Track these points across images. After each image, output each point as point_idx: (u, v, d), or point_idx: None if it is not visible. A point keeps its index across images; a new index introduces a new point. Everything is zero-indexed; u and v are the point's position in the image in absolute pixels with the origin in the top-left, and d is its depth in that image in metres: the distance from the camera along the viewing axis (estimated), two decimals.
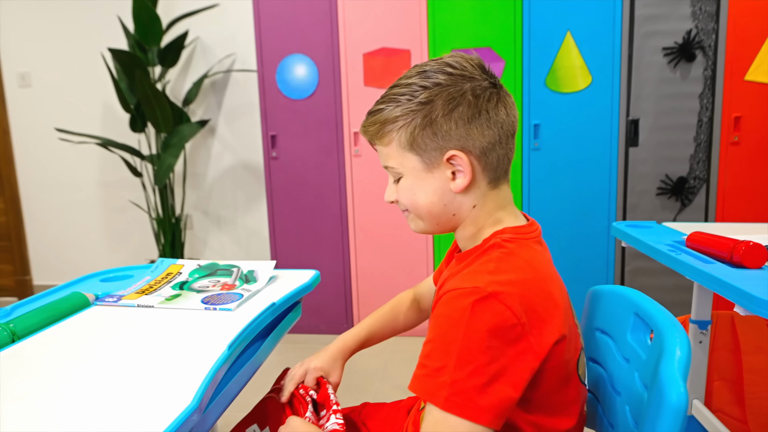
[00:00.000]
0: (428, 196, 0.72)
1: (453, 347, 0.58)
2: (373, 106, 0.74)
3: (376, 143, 0.74)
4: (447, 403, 0.57)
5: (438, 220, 0.74)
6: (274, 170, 2.48)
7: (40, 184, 3.26)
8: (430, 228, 0.76)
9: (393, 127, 0.70)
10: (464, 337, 0.58)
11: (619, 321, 0.74)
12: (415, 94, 0.69)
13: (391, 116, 0.70)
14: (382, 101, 0.73)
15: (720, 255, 0.97)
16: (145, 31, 2.60)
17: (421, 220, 0.75)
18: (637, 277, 2.29)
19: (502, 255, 0.66)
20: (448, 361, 0.58)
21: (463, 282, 0.62)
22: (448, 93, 0.68)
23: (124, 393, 0.63)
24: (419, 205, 0.73)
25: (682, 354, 0.55)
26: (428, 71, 0.69)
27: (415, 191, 0.72)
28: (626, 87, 2.20)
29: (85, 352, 0.75)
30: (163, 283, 1.05)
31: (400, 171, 0.73)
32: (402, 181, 0.73)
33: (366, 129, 0.75)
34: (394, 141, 0.71)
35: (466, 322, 0.58)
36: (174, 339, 0.79)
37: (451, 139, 0.68)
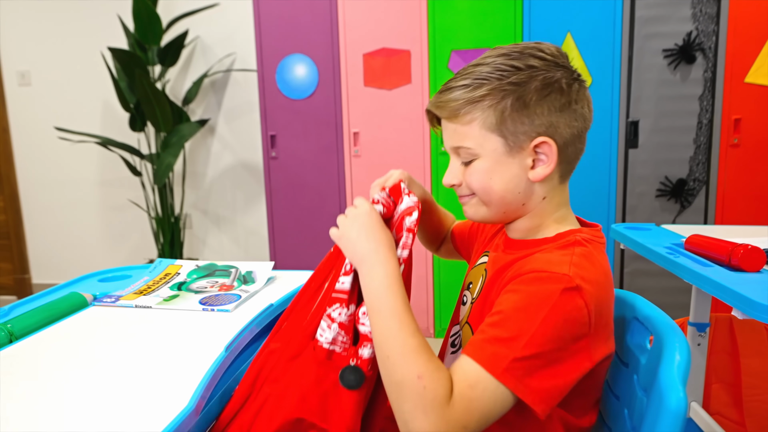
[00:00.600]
0: (505, 182, 0.68)
1: (530, 325, 0.56)
2: (451, 82, 0.70)
3: (451, 121, 0.70)
4: (504, 375, 0.55)
5: (507, 208, 0.71)
6: (273, 170, 2.48)
7: (39, 182, 3.25)
8: (494, 216, 0.73)
9: (478, 105, 0.66)
10: (543, 321, 0.57)
11: (618, 325, 0.74)
12: (506, 74, 0.66)
13: (478, 94, 0.66)
14: (464, 78, 0.68)
15: (718, 258, 0.97)
16: (145, 31, 2.60)
17: (487, 206, 0.71)
18: (635, 279, 2.29)
19: (584, 253, 0.65)
20: (521, 337, 0.56)
21: (551, 267, 0.61)
22: (543, 77, 0.66)
23: (121, 394, 0.62)
24: (493, 190, 0.69)
25: (682, 358, 0.55)
26: (518, 53, 0.67)
27: (491, 175, 0.69)
28: (626, 88, 2.20)
29: (82, 352, 0.75)
30: (161, 284, 1.04)
31: (477, 152, 0.68)
32: (476, 164, 0.69)
33: (443, 105, 0.70)
34: (477, 121, 0.67)
35: (550, 306, 0.57)
36: (171, 340, 0.79)
37: (541, 125, 0.66)
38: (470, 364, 0.57)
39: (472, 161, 0.70)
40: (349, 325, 0.67)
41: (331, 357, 0.66)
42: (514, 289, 0.61)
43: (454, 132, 0.70)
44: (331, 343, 0.67)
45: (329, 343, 0.67)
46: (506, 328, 0.57)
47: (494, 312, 0.60)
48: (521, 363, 0.55)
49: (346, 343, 0.67)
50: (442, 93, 0.70)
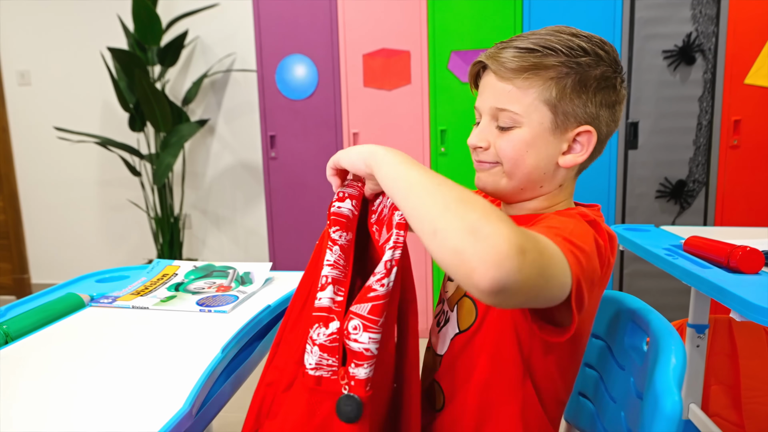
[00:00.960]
0: (538, 159, 0.67)
1: (570, 227, 0.57)
2: (517, 41, 0.67)
3: (506, 80, 0.66)
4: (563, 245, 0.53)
5: (527, 186, 0.69)
6: (273, 170, 2.48)
7: (39, 182, 3.25)
8: (512, 190, 0.70)
9: (542, 74, 0.65)
10: (579, 228, 0.58)
11: (615, 327, 0.74)
12: (575, 52, 0.65)
13: (547, 62, 0.64)
14: (532, 42, 0.66)
15: (717, 260, 0.97)
16: (144, 31, 2.60)
17: (510, 178, 0.69)
18: (635, 280, 2.29)
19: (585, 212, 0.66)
20: (564, 229, 0.56)
21: (566, 213, 0.63)
22: (605, 70, 0.66)
23: (117, 395, 0.62)
24: (525, 163, 0.67)
25: (677, 362, 0.54)
26: (587, 38, 0.66)
27: (528, 148, 0.66)
28: (626, 89, 2.19)
29: (78, 353, 0.75)
30: (158, 285, 1.04)
31: (522, 121, 0.66)
32: (516, 132, 0.67)
33: (506, 60, 0.66)
34: (535, 89, 0.65)
35: (579, 221, 0.60)
36: (168, 341, 0.79)
37: (590, 115, 0.66)
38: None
39: (511, 128, 0.67)
40: (333, 345, 0.59)
41: (321, 383, 0.59)
42: (540, 223, 0.61)
43: (505, 92, 0.66)
44: (316, 368, 0.59)
45: (313, 369, 0.59)
46: (548, 226, 0.57)
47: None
48: (573, 245, 0.54)
49: (333, 366, 0.59)
50: (504, 49, 0.67)
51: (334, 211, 0.68)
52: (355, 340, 0.57)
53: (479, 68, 0.71)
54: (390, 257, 0.58)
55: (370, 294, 0.57)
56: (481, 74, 0.72)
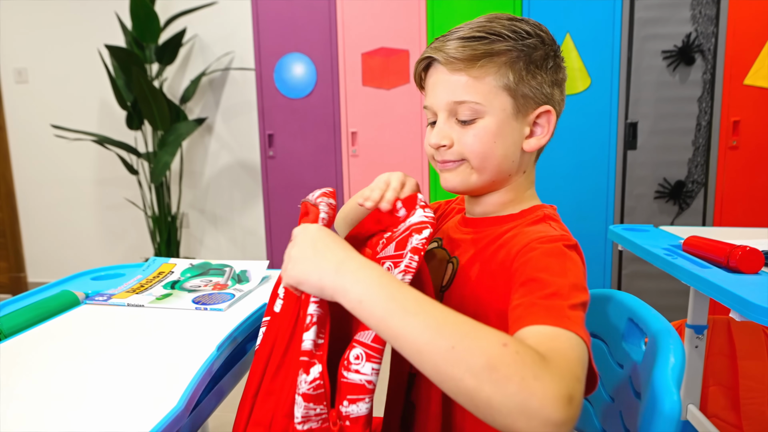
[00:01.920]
0: (506, 147, 0.65)
1: (561, 278, 0.53)
2: (461, 31, 0.65)
3: (459, 72, 0.64)
4: (569, 323, 0.48)
5: (498, 177, 0.67)
6: (271, 169, 2.47)
7: (36, 180, 3.24)
8: (483, 183, 0.67)
9: (495, 60, 0.63)
10: (568, 271, 0.54)
11: (613, 326, 0.73)
12: (522, 35, 0.64)
13: (498, 48, 0.63)
14: (477, 31, 0.64)
15: (716, 260, 0.97)
16: (142, 28, 2.59)
17: (480, 173, 0.67)
18: (633, 281, 2.29)
19: (558, 225, 0.65)
20: (560, 289, 0.51)
21: (546, 233, 0.60)
22: (551, 49, 0.66)
23: (111, 393, 0.61)
24: (494, 155, 0.65)
25: (676, 361, 0.54)
26: (526, 22, 0.66)
27: (495, 138, 0.64)
28: (625, 90, 2.19)
29: (72, 351, 0.74)
30: (154, 282, 1.04)
31: (484, 110, 0.64)
32: (481, 123, 0.64)
33: (458, 51, 0.64)
34: (491, 76, 0.63)
35: (566, 259, 0.56)
36: (163, 339, 0.78)
37: (544, 95, 0.66)
38: (534, 328, 0.48)
39: (474, 120, 0.65)
40: (319, 392, 0.53)
41: None
42: (524, 260, 0.57)
43: (461, 84, 0.64)
44: (303, 421, 0.53)
45: (301, 422, 0.53)
46: (542, 288, 0.52)
47: (518, 286, 0.55)
48: (574, 311, 0.50)
49: (322, 413, 0.53)
50: (452, 41, 0.65)
51: None
52: (356, 371, 0.52)
53: (425, 65, 0.69)
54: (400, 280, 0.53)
55: None
56: (427, 72, 0.70)
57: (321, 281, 0.52)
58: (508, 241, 0.64)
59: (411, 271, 0.54)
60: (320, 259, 0.52)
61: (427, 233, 0.57)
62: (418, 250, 0.55)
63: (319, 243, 0.54)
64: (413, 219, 0.61)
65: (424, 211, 0.61)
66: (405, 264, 0.55)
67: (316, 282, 0.52)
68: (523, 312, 0.50)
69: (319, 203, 0.67)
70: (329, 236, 0.55)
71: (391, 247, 0.60)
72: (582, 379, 0.45)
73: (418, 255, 0.55)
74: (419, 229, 0.58)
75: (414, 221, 0.60)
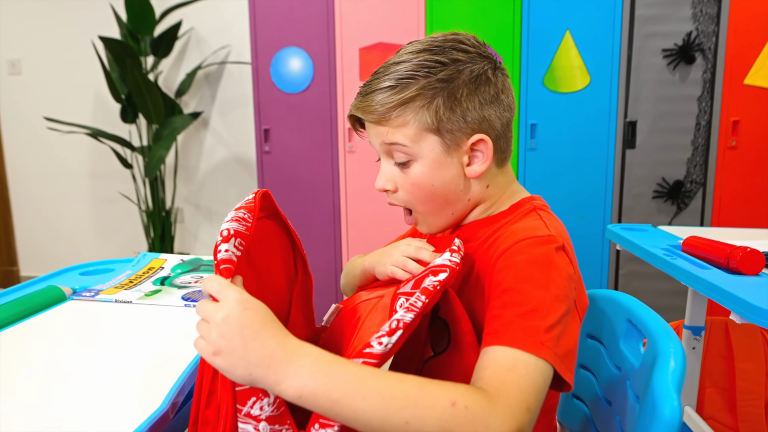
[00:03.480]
0: (446, 183, 0.65)
1: (543, 293, 0.53)
2: (373, 83, 0.65)
3: (381, 124, 0.65)
4: (542, 349, 0.50)
5: (453, 209, 0.68)
6: (266, 165, 2.45)
7: (29, 173, 3.21)
8: (445, 221, 0.69)
9: (410, 107, 0.63)
10: (552, 283, 0.54)
11: (610, 327, 0.72)
12: (434, 70, 0.62)
13: (407, 95, 0.62)
14: (387, 78, 0.64)
15: (716, 260, 0.95)
16: (137, 20, 2.56)
17: (434, 215, 0.68)
18: (631, 281, 2.27)
19: (548, 216, 0.65)
20: (540, 306, 0.52)
21: (533, 232, 0.59)
22: (470, 71, 0.63)
23: (95, 392, 0.60)
24: (436, 193, 0.66)
25: (677, 365, 0.52)
26: (439, 48, 0.64)
27: (432, 177, 0.65)
28: (624, 88, 2.18)
29: (57, 348, 0.72)
30: (144, 278, 1.02)
31: (414, 153, 0.64)
32: (415, 167, 0.65)
33: (369, 109, 0.65)
34: (411, 123, 0.63)
35: (551, 268, 0.55)
36: (150, 337, 0.76)
37: (475, 121, 0.64)
38: (500, 350, 0.51)
39: (408, 163, 0.65)
40: (281, 410, 0.50)
41: None
42: (509, 263, 0.57)
43: (387, 133, 0.65)
44: None
45: None
46: (522, 302, 0.53)
47: (499, 292, 0.56)
48: (550, 333, 0.51)
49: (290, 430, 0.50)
50: (366, 96, 0.65)
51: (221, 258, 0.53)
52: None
53: (355, 120, 0.70)
54: (400, 317, 0.50)
55: (365, 350, 0.50)
56: (359, 124, 0.71)
57: (251, 376, 0.47)
58: (496, 239, 0.63)
59: (415, 309, 0.51)
60: (249, 352, 0.47)
61: (443, 277, 0.55)
62: (428, 291, 0.53)
63: (246, 330, 0.48)
64: (438, 260, 0.59)
65: (451, 255, 0.59)
66: (410, 302, 0.52)
67: (246, 377, 0.47)
68: (500, 327, 0.52)
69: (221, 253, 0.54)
70: (257, 318, 0.49)
71: (410, 284, 0.58)
72: (533, 407, 0.47)
73: (427, 296, 0.53)
74: (436, 272, 0.56)
75: (437, 263, 0.58)
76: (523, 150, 2.26)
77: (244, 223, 0.57)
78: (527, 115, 2.23)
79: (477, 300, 0.63)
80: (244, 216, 0.58)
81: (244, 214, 0.58)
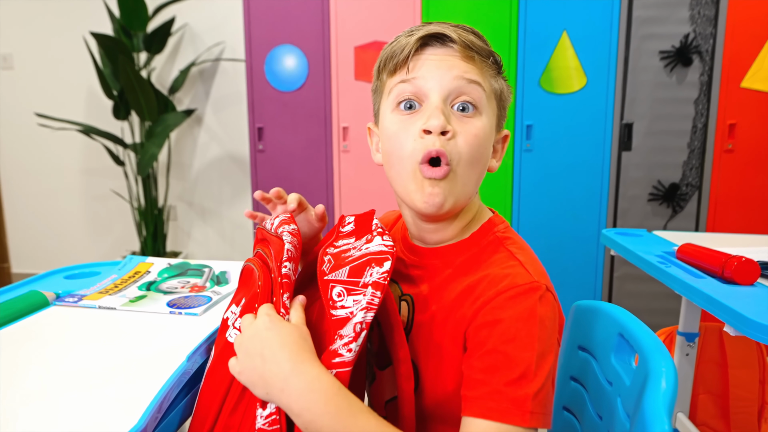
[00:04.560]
0: (486, 160, 0.60)
1: (529, 353, 0.50)
2: (462, 26, 0.60)
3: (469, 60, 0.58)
4: (532, 418, 0.49)
5: (470, 196, 0.61)
6: (260, 163, 2.43)
7: (20, 169, 3.17)
8: (456, 202, 0.59)
9: (493, 65, 0.60)
10: (538, 340, 0.51)
11: (602, 340, 0.70)
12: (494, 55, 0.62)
13: (497, 57, 0.61)
14: (476, 31, 0.60)
15: (711, 269, 0.94)
16: (130, 16, 2.53)
17: (463, 186, 0.58)
18: (625, 283, 2.26)
19: (518, 246, 0.60)
20: (528, 369, 0.50)
21: (514, 279, 0.54)
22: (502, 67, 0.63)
23: (67, 406, 0.58)
24: (482, 161, 0.59)
25: (668, 386, 0.51)
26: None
27: (488, 140, 0.59)
28: (621, 90, 2.16)
29: (35, 356, 0.70)
30: (129, 283, 1.00)
31: (484, 105, 0.58)
32: (478, 120, 0.58)
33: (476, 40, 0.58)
34: (491, 78, 0.60)
35: (536, 321, 0.52)
36: (132, 346, 0.74)
37: (504, 118, 0.64)
38: (489, 425, 0.49)
39: (473, 113, 0.58)
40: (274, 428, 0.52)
41: None
42: (490, 320, 0.53)
43: (471, 71, 0.58)
44: None
45: None
46: (510, 367, 0.50)
47: (482, 353, 0.52)
48: (539, 397, 0.50)
49: None
50: (459, 29, 0.59)
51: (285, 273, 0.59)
52: None
53: (422, 42, 0.59)
54: (361, 319, 0.51)
55: (335, 359, 0.51)
56: (419, 51, 0.59)
57: (268, 395, 0.52)
58: (475, 285, 0.57)
59: (374, 308, 0.52)
60: (267, 372, 0.51)
61: (388, 266, 0.54)
62: (380, 285, 0.52)
63: (266, 351, 0.52)
64: (372, 246, 0.57)
65: (383, 239, 0.57)
66: (367, 301, 0.52)
67: (264, 395, 0.52)
68: (486, 396, 0.50)
69: (281, 233, 0.62)
70: (276, 339, 0.52)
71: (343, 271, 0.56)
72: None
73: (381, 291, 0.52)
74: (380, 261, 0.54)
75: (373, 250, 0.56)
76: (518, 151, 2.24)
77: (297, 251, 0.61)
78: (523, 116, 2.21)
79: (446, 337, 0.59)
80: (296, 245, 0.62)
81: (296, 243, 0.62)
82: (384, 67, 0.62)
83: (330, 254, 0.60)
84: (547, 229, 2.27)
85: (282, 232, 0.62)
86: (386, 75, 0.62)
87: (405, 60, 0.59)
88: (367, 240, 0.59)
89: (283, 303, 0.56)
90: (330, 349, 0.52)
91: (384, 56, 0.62)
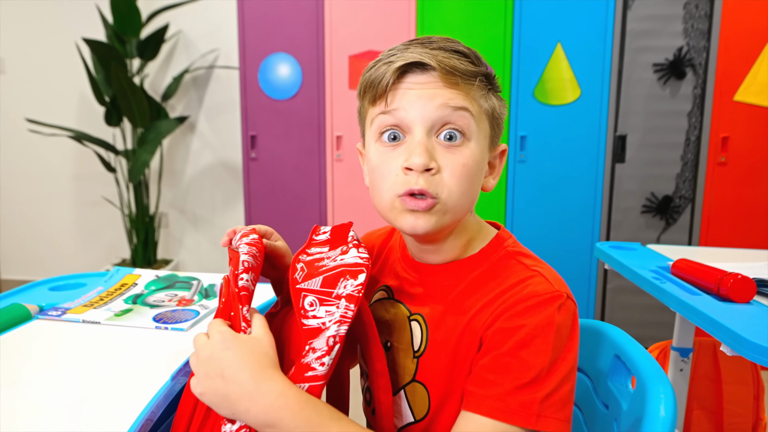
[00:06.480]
0: (477, 184, 0.58)
1: (543, 358, 0.50)
2: (447, 44, 0.56)
3: (452, 86, 0.55)
4: (539, 420, 0.49)
5: (461, 218, 0.58)
6: (253, 171, 2.41)
7: (11, 174, 3.13)
8: (446, 224, 0.56)
9: (480, 84, 0.56)
10: (554, 347, 0.51)
11: (598, 361, 0.69)
12: (483, 63, 0.58)
13: (481, 70, 0.57)
14: (459, 49, 0.56)
15: (706, 286, 0.93)
16: (123, 22, 2.51)
17: (451, 214, 0.56)
18: (618, 296, 2.26)
19: (534, 261, 0.59)
20: (540, 374, 0.50)
21: (535, 288, 0.53)
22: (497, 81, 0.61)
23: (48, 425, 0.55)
24: (473, 188, 0.57)
25: (667, 415, 0.49)
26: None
27: (479, 166, 0.56)
28: (615, 102, 2.17)
29: (14, 373, 0.67)
30: (115, 295, 0.97)
31: (473, 131, 0.55)
32: (467, 147, 0.55)
33: (457, 63, 0.54)
34: (480, 97, 0.57)
35: (554, 329, 0.51)
36: (116, 363, 0.72)
37: (500, 132, 0.61)
38: (493, 424, 0.49)
39: (461, 141, 0.55)
40: None
41: None
42: (512, 326, 0.52)
43: (455, 98, 0.55)
44: None
45: None
46: (522, 371, 0.50)
47: (498, 354, 0.52)
48: (549, 400, 0.50)
49: None
50: (441, 50, 0.55)
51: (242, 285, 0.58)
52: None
53: (401, 72, 0.55)
54: (334, 332, 0.50)
55: (307, 373, 0.50)
56: (399, 80, 0.56)
57: (234, 415, 0.51)
58: (491, 302, 0.56)
59: (347, 321, 0.51)
60: (230, 393, 0.50)
61: (362, 278, 0.53)
62: (354, 298, 0.52)
63: (227, 372, 0.50)
64: (347, 258, 0.56)
65: (359, 251, 0.57)
66: (340, 314, 0.51)
67: (230, 414, 0.51)
68: (494, 395, 0.50)
69: (238, 246, 0.62)
70: (236, 359, 0.51)
71: (316, 281, 0.55)
72: None
73: (354, 304, 0.52)
74: (354, 273, 0.54)
75: (348, 261, 0.56)
76: (512, 162, 2.24)
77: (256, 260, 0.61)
78: (517, 127, 2.21)
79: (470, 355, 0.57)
80: (255, 254, 0.61)
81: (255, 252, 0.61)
82: (364, 94, 0.60)
83: (303, 261, 0.60)
84: (541, 240, 2.27)
85: (239, 245, 0.62)
86: (367, 103, 0.60)
87: (384, 91, 0.56)
88: (342, 251, 0.58)
89: (243, 316, 0.55)
90: (302, 362, 0.51)
91: (363, 84, 0.59)
